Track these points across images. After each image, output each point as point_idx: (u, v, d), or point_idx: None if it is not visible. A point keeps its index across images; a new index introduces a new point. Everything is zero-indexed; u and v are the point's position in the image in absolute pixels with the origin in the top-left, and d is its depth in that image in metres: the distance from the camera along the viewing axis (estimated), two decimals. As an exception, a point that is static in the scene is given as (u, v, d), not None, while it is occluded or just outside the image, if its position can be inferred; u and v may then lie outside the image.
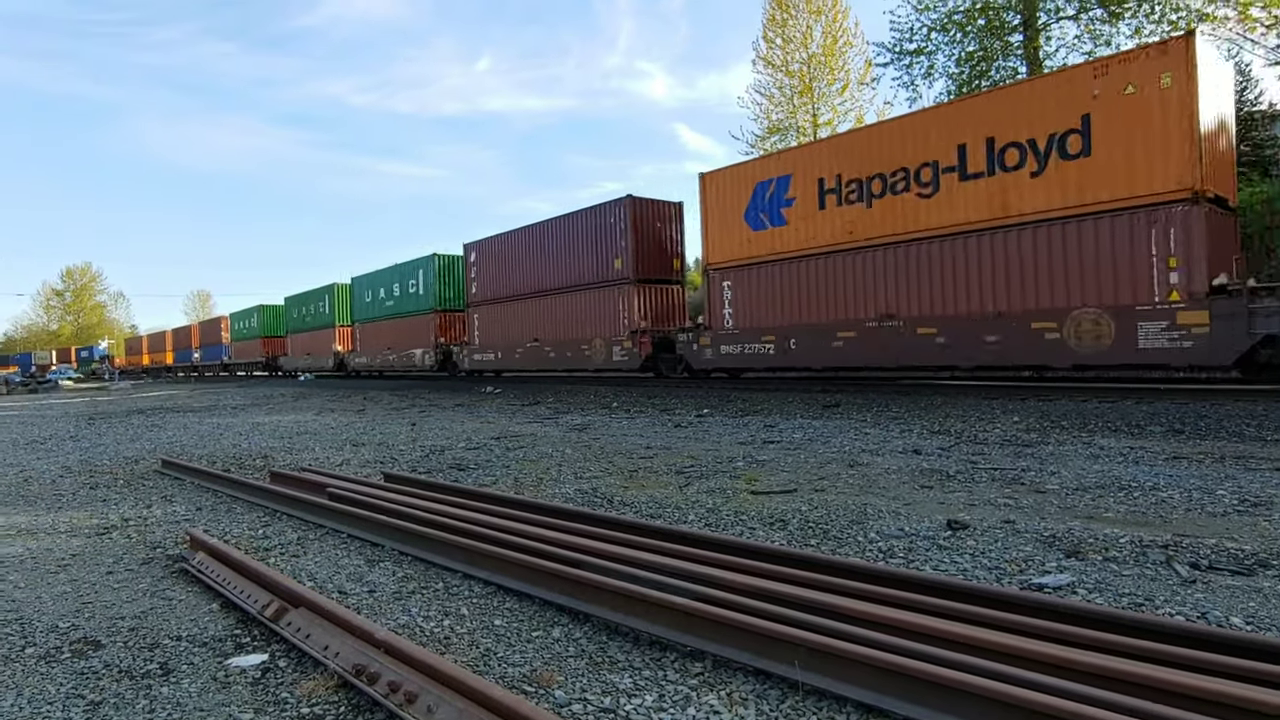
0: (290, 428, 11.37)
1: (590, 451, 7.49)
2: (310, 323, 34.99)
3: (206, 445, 9.47)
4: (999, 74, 19.89)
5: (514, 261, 20.90)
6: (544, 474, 6.32)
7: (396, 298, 27.02)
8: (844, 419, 9.59)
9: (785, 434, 8.35)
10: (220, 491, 6.09)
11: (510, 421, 11.04)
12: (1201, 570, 3.31)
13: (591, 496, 5.31)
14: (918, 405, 10.34)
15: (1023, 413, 9.03)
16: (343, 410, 14.77)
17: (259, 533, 4.68)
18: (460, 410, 13.66)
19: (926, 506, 4.60)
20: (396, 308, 27.01)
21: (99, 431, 12.11)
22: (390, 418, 12.64)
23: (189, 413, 15.73)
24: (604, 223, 17.59)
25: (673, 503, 5.01)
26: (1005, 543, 3.78)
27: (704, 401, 12.76)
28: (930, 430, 8.16)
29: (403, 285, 26.57)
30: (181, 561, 4.02)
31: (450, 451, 7.97)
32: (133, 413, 16.47)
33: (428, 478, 6.07)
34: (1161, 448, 6.45)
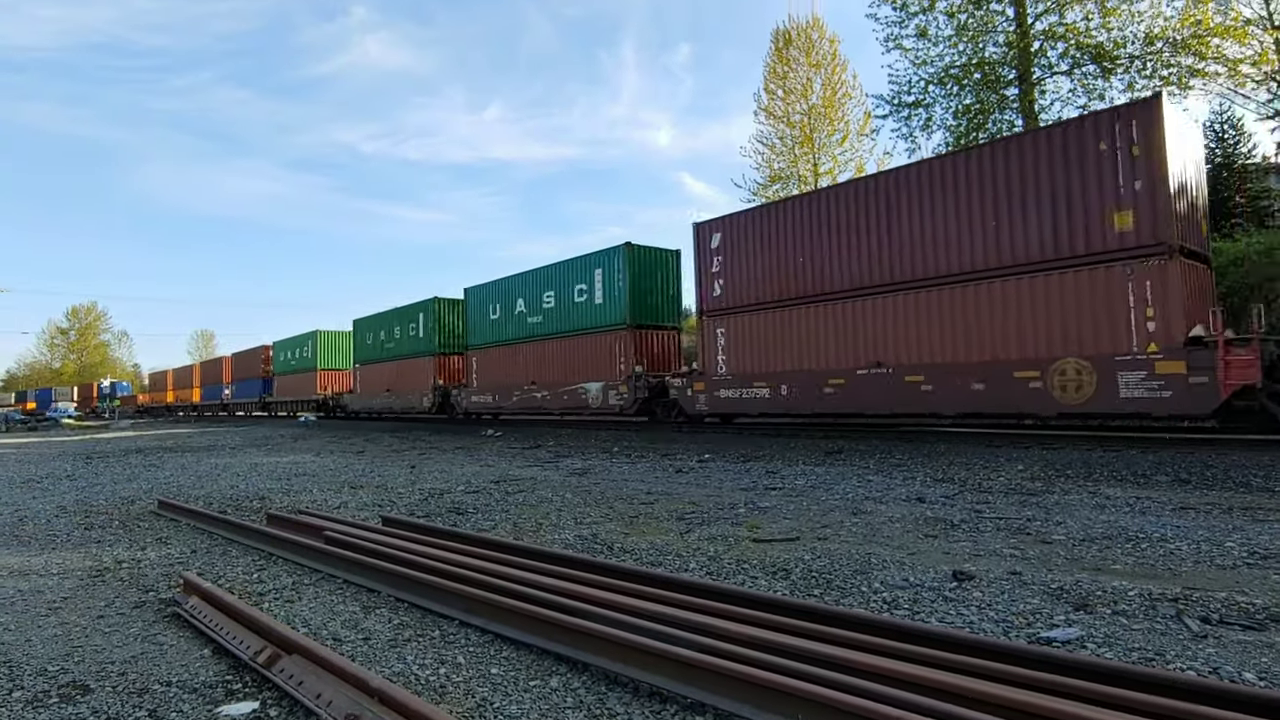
0: (288, 469, 11.30)
1: (590, 496, 7.43)
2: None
3: (204, 486, 9.41)
4: (995, 126, 20.31)
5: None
6: (544, 519, 6.26)
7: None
8: (847, 465, 9.52)
9: (788, 480, 8.28)
10: (216, 534, 6.02)
11: (510, 465, 10.97)
12: (1212, 625, 3.25)
13: (591, 543, 5.25)
14: (920, 452, 10.29)
15: (1027, 461, 8.97)
16: (342, 452, 14.70)
17: (254, 576, 4.62)
18: (460, 453, 13.59)
19: (931, 556, 4.55)
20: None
21: (96, 471, 12.04)
22: (389, 460, 12.58)
23: (187, 453, 15.66)
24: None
25: (674, 550, 4.95)
26: (1012, 595, 3.72)
27: (705, 446, 12.69)
28: (934, 478, 8.09)
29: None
30: (174, 605, 3.96)
31: (449, 495, 7.91)
32: (131, 452, 16.40)
33: (426, 522, 6.01)
34: (1168, 498, 6.39)
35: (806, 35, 28.90)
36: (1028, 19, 19.70)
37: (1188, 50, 17.33)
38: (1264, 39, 18.44)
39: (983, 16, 20.42)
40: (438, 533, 5.25)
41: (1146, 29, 17.92)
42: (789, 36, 29.10)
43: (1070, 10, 19.07)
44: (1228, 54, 17.32)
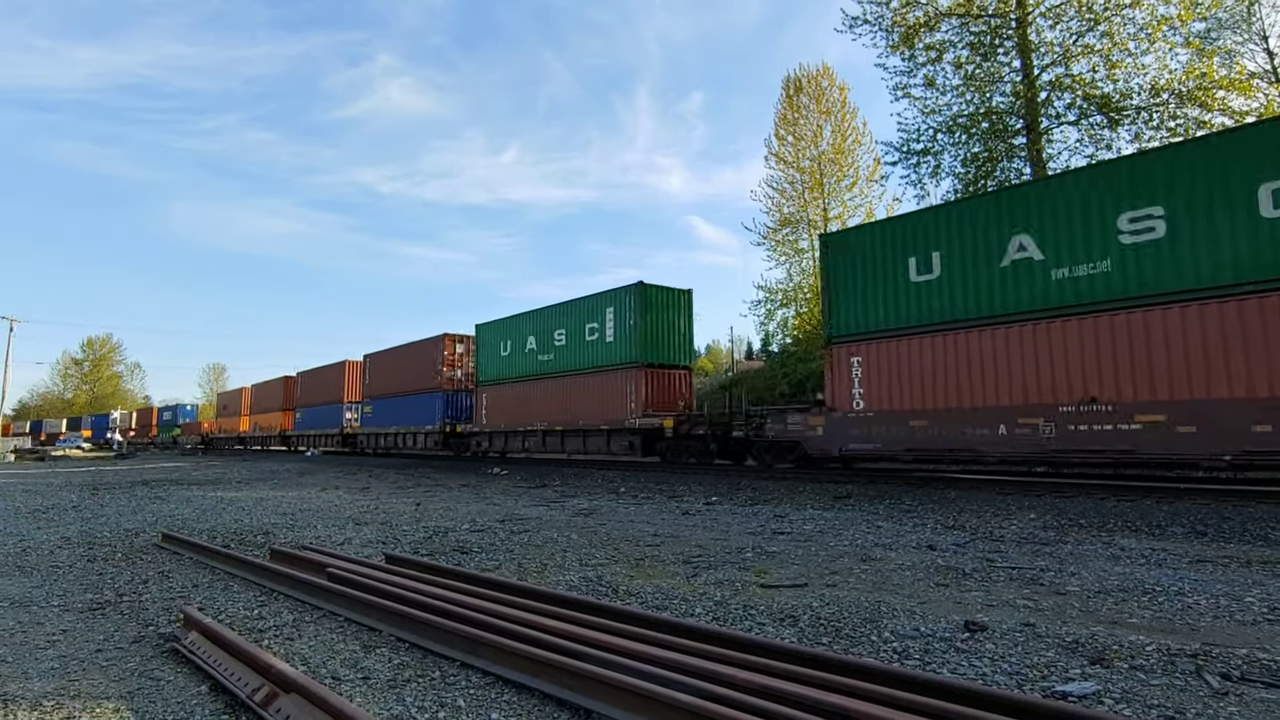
0: (294, 504, 11.27)
1: (596, 538, 7.36)
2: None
3: (208, 520, 9.39)
4: (1003, 175, 20.52)
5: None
6: (548, 560, 6.20)
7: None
8: (855, 511, 9.42)
9: (795, 525, 8.20)
10: (218, 569, 5.99)
11: (516, 504, 10.91)
12: (1233, 681, 3.16)
13: (596, 585, 5.19)
14: (930, 498, 10.17)
15: (1039, 509, 8.84)
16: (347, 488, 14.65)
17: (255, 613, 4.58)
18: (466, 491, 13.53)
19: (942, 606, 4.46)
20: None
21: (101, 503, 12.04)
22: (395, 496, 12.53)
23: (194, 486, 15.65)
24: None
25: (680, 594, 4.89)
26: (1026, 647, 3.64)
27: (712, 488, 12.59)
28: (944, 525, 7.99)
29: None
30: (173, 641, 3.92)
31: (454, 533, 7.86)
32: (137, 484, 16.40)
33: (430, 560, 5.96)
34: (1185, 550, 6.27)
35: (817, 83, 29.52)
36: (1034, 70, 20.05)
37: (1194, 102, 17.55)
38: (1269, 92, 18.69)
39: (989, 68, 20.81)
40: (441, 572, 5.20)
41: (1153, 81, 18.19)
42: (800, 84, 29.74)
43: (1076, 62, 19.40)
44: (1234, 106, 17.52)
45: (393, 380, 28.17)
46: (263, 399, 42.09)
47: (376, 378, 29.81)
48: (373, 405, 29.80)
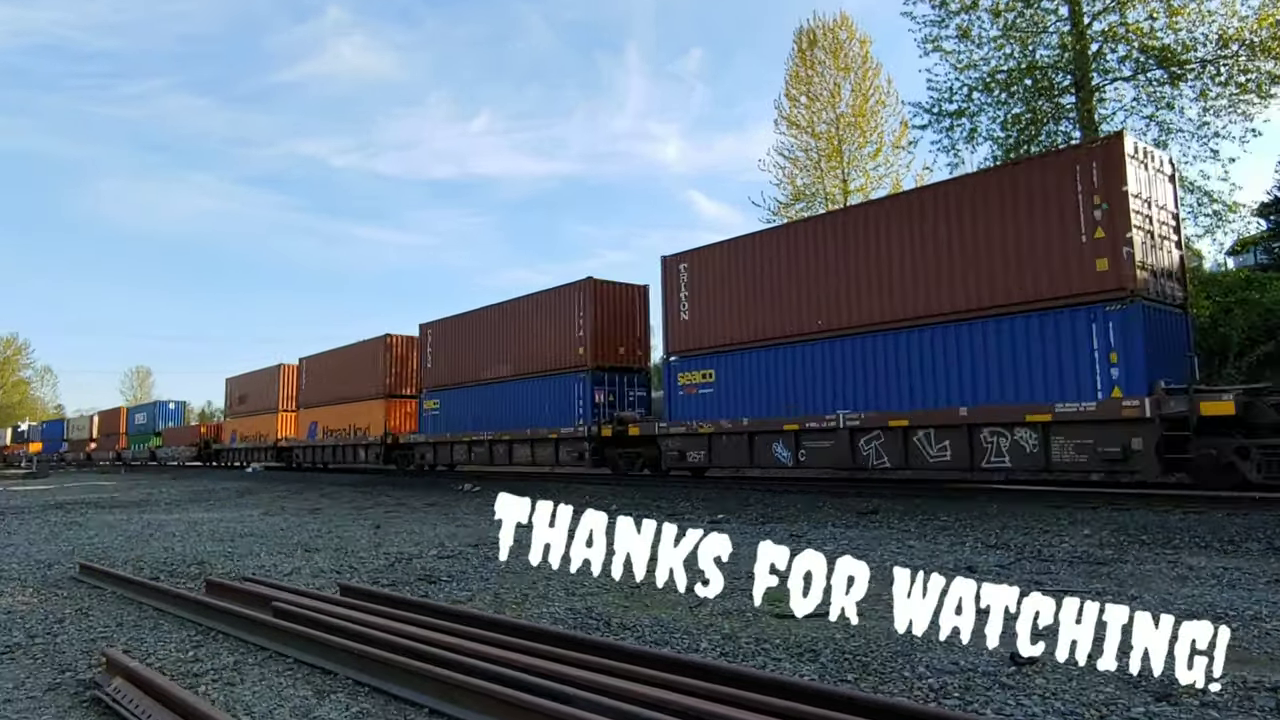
0: (232, 528, 11.24)
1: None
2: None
3: (134, 548, 9.35)
4: (1049, 138, 20.59)
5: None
6: (530, 589, 6.20)
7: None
8: (883, 528, 9.45)
9: (815, 545, 8.17)
10: (146, 604, 5.97)
11: (490, 525, 10.89)
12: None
13: (586, 617, 5.19)
14: (969, 513, 10.22)
15: (1094, 524, 8.89)
16: (295, 509, 14.61)
17: (189, 654, 4.57)
18: (432, 511, 13.51)
19: (982, 640, 4.47)
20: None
21: (9, 529, 11.98)
22: (350, 518, 12.50)
23: (116, 509, 15.58)
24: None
25: (682, 626, 4.90)
26: (1081, 682, 3.66)
27: (718, 505, 12.61)
28: (985, 544, 8.03)
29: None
30: (95, 688, 3.90)
31: (419, 560, 7.86)
32: (50, 507, 16.32)
33: (392, 591, 5.95)
34: (1261, 569, 6.31)
35: (834, 35, 29.49)
36: (1084, 18, 20.09)
37: (1268, 54, 17.63)
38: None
39: (1032, 16, 20.84)
40: (405, 604, 5.20)
41: (1219, 30, 18.25)
42: (813, 37, 29.71)
43: (1132, 9, 19.45)
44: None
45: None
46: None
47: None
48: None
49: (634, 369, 19.43)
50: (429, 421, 23.73)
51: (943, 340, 12.41)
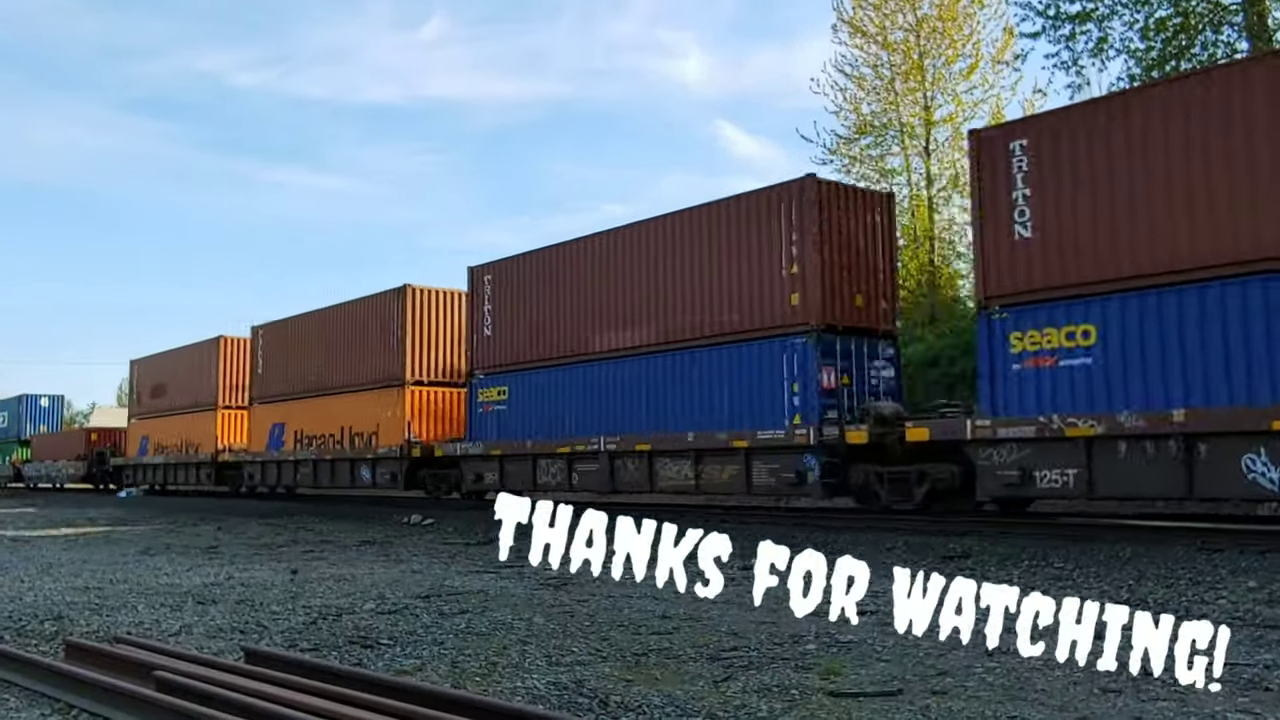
0: (100, 573, 11.30)
1: (573, 621, 7.39)
2: None
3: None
4: (1205, 51, 20.46)
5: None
6: (499, 656, 6.23)
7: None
8: (976, 577, 9.40)
9: (882, 599, 8.22)
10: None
11: (447, 570, 10.95)
12: None
13: (575, 694, 5.21)
14: (1094, 559, 10.22)
15: (1262, 572, 8.88)
16: (184, 546, 14.69)
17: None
18: (368, 551, 13.56)
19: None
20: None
21: None
22: (258, 560, 12.58)
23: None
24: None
25: (704, 706, 4.91)
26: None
27: (750, 545, 12.59)
28: (1114, 599, 7.99)
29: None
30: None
31: (351, 616, 7.89)
32: None
33: (315, 659, 5.97)
34: None
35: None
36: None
37: None
38: None
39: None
40: (333, 676, 5.22)
41: None
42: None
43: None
44: None
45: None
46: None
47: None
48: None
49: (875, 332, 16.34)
50: (489, 422, 21.04)
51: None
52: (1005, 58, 27.78)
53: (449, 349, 23.87)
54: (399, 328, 23.35)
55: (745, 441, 15.48)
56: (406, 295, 23.48)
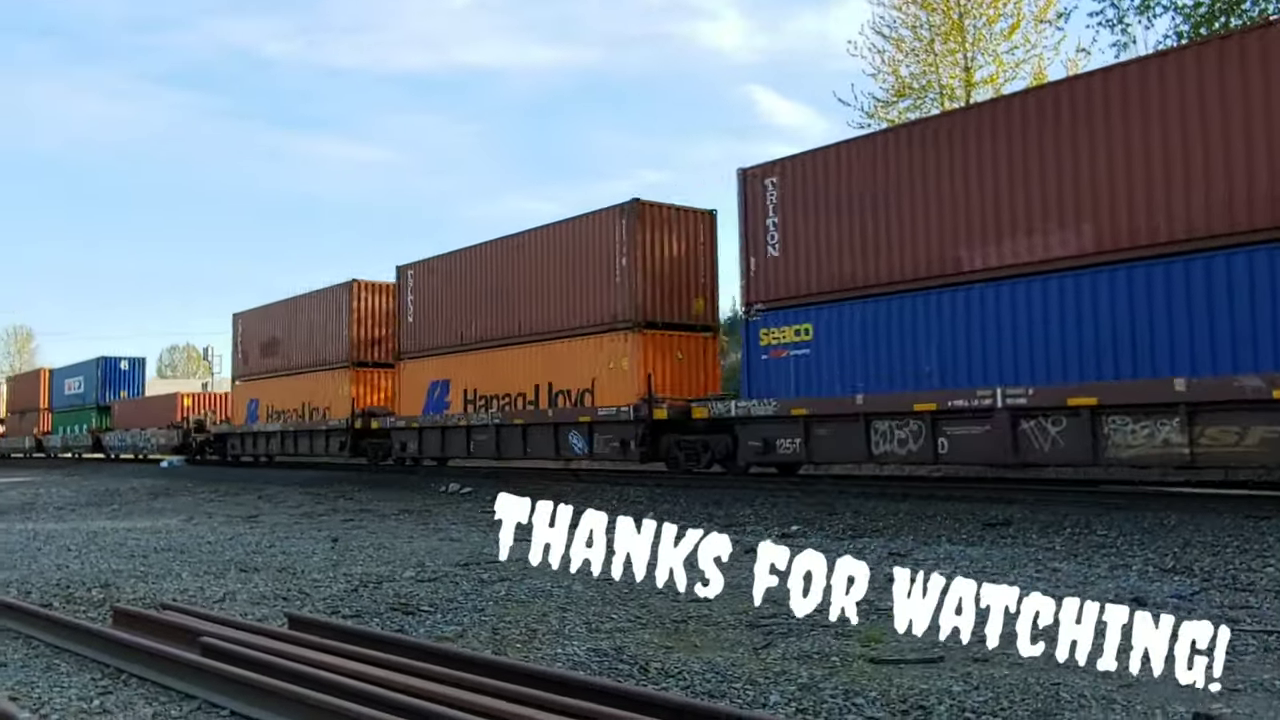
0: (145, 542, 11.50)
1: (612, 588, 7.42)
2: None
3: (17, 566, 9.62)
4: (1258, 7, 19.96)
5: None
6: (539, 623, 6.28)
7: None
8: (1017, 545, 9.41)
9: (923, 568, 8.17)
10: (37, 639, 6.14)
11: (486, 539, 11.02)
12: None
13: (615, 660, 5.24)
14: (1138, 526, 10.12)
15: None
16: (225, 515, 14.90)
17: (94, 704, 4.70)
18: (408, 520, 13.69)
19: (1157, 691, 4.45)
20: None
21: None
22: (299, 529, 12.74)
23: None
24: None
25: (744, 673, 4.93)
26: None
27: (791, 512, 12.62)
28: (1160, 567, 7.99)
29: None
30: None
31: (392, 584, 7.98)
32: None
33: (357, 625, 6.06)
34: None
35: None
36: None
37: None
38: None
39: None
40: (375, 642, 5.28)
41: None
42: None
43: None
44: None
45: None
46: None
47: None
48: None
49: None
50: (780, 372, 15.62)
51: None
52: (1048, 16, 27.20)
53: (685, 283, 18.68)
54: (626, 254, 18.22)
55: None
56: (639, 213, 18.23)
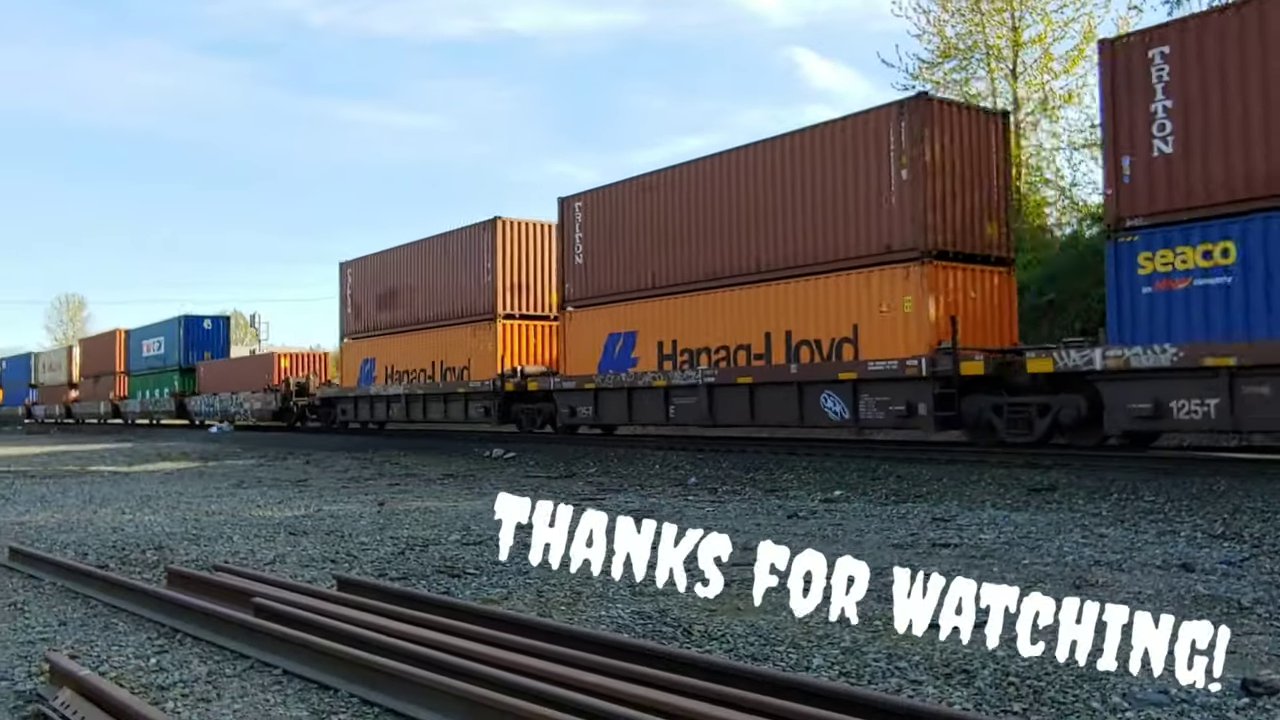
0: (196, 505, 11.72)
1: (654, 552, 7.47)
2: None
3: (75, 529, 9.84)
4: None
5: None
6: (583, 585, 6.33)
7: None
8: (1063, 510, 9.36)
9: (967, 533, 8.20)
10: (95, 599, 6.30)
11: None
12: None
13: (658, 623, 5.29)
14: (1186, 492, 10.01)
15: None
16: (274, 480, 15.14)
17: (151, 662, 4.82)
18: (451, 484, 13.84)
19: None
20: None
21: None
22: (346, 492, 12.93)
23: (48, 479, 16.38)
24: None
25: (787, 636, 4.95)
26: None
27: (834, 477, 12.61)
28: (1208, 533, 7.92)
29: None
30: (38, 702, 4.16)
31: (438, 547, 8.08)
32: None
33: (404, 587, 6.15)
34: None
35: None
36: None
37: None
38: None
39: None
40: (422, 604, 5.36)
41: None
42: None
43: None
44: None
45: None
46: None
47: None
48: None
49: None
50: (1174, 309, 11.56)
51: None
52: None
53: (976, 204, 14.91)
54: (908, 166, 14.18)
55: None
56: (926, 112, 14.35)
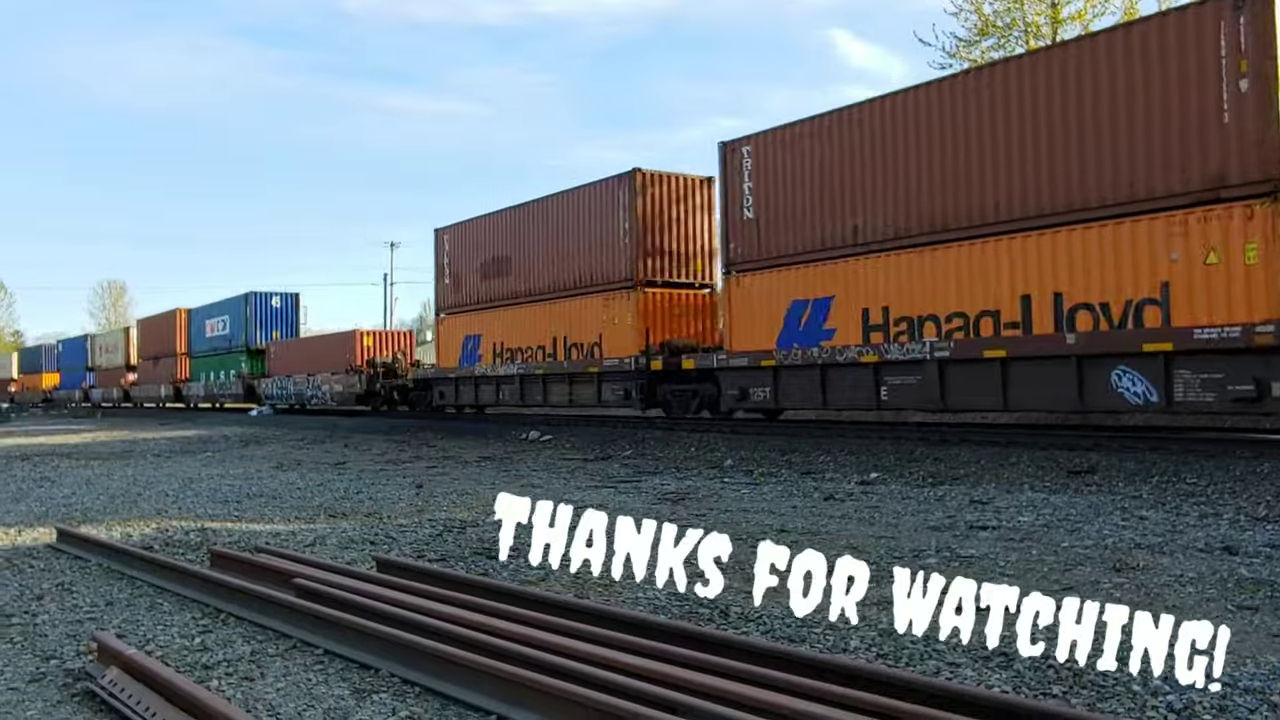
0: (238, 487, 11.88)
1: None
2: None
3: (120, 510, 10.02)
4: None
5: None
6: (620, 567, 6.36)
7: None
8: (1103, 493, 9.28)
9: (1005, 515, 8.17)
10: (140, 579, 6.41)
11: (566, 486, 11.18)
12: None
13: (695, 605, 5.31)
14: (1229, 474, 9.88)
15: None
16: (314, 462, 15.31)
17: (195, 641, 4.90)
18: (488, 466, 13.92)
19: (1249, 642, 4.41)
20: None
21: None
22: (384, 475, 13.04)
23: (94, 460, 16.66)
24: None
25: (824, 619, 4.95)
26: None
27: (871, 459, 12.58)
28: (1252, 516, 7.83)
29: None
30: (87, 679, 4.25)
31: (475, 529, 8.15)
32: (14, 459, 17.57)
33: (442, 568, 6.21)
34: None
35: None
36: None
37: None
38: None
39: None
40: (460, 585, 5.42)
41: None
42: None
43: None
44: None
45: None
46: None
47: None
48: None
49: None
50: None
51: None
52: (1141, -53, 26.22)
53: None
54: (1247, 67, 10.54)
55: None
56: None
